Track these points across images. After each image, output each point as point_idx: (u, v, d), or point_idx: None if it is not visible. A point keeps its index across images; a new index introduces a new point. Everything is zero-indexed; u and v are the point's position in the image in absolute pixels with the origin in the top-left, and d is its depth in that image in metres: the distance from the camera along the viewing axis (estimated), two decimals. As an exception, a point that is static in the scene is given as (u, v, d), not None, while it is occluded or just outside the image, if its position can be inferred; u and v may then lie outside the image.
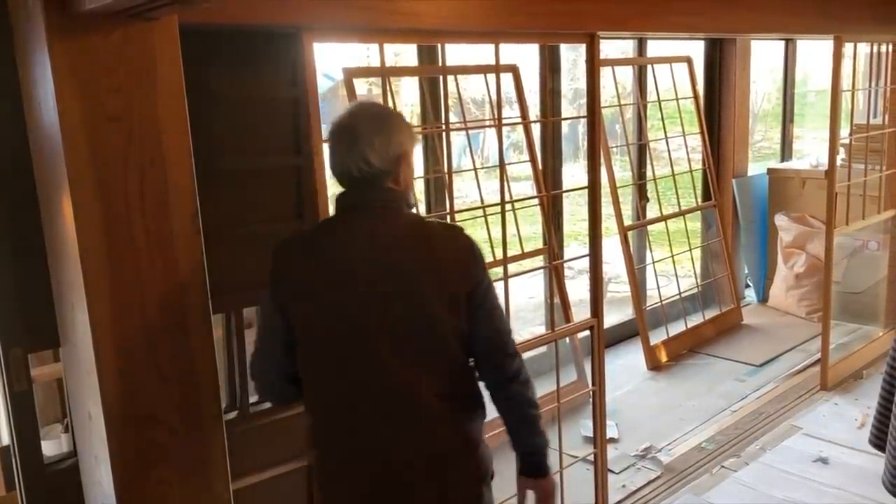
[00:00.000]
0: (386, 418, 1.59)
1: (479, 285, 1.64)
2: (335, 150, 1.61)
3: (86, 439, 1.55)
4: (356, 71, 3.29)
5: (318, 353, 1.60)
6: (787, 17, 3.44)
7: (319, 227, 1.77)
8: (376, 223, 1.59)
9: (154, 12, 1.28)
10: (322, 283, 1.57)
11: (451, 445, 1.68)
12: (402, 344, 1.57)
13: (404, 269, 1.58)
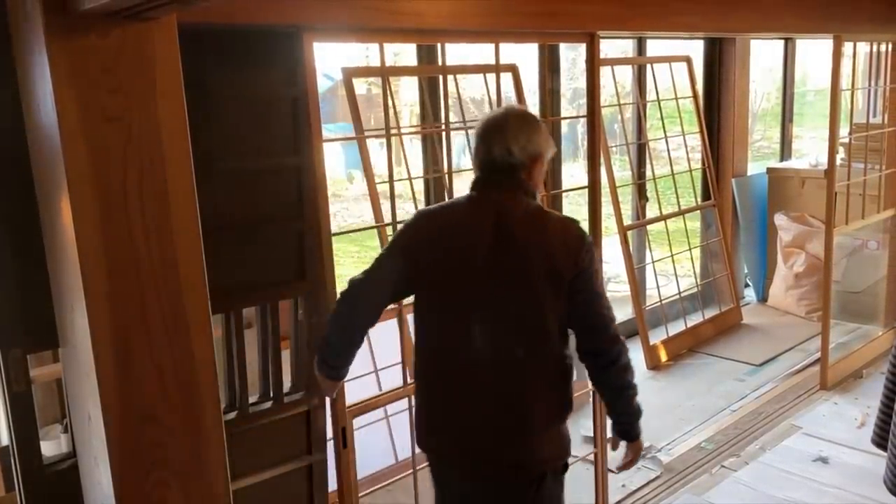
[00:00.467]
0: (486, 380, 1.82)
1: (584, 272, 1.82)
2: (485, 141, 1.87)
3: (85, 440, 1.55)
4: (355, 71, 3.29)
5: (432, 305, 1.88)
6: (786, 17, 3.44)
7: (455, 201, 1.99)
8: (503, 203, 1.83)
9: (153, 12, 1.27)
10: (448, 246, 1.85)
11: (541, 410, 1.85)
12: (506, 312, 1.80)
13: (519, 246, 1.80)
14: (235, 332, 2.22)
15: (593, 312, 1.85)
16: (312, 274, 2.32)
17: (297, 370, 2.44)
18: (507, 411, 1.82)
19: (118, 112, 1.33)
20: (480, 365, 1.81)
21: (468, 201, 1.89)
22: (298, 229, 2.26)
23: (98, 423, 1.41)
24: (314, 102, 2.17)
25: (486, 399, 1.82)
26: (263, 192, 2.17)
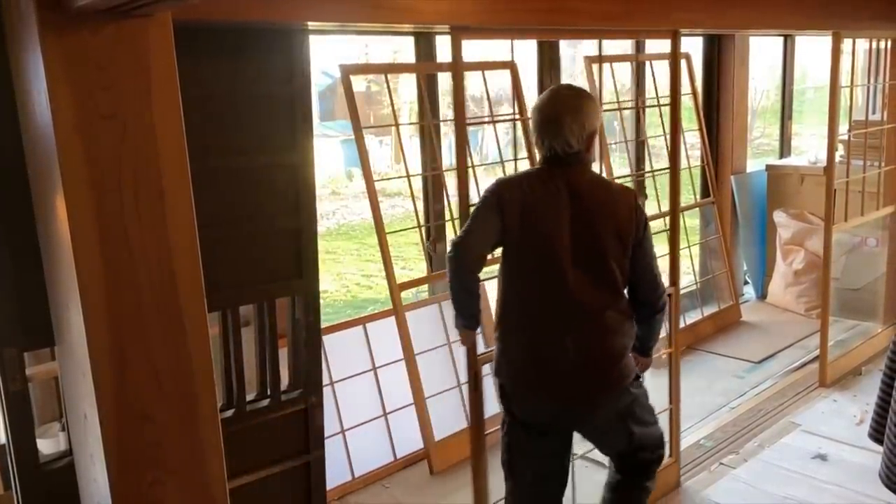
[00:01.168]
0: (561, 318, 2.15)
1: (641, 232, 2.17)
2: (543, 136, 2.16)
3: (81, 438, 1.55)
4: (354, 68, 3.28)
5: (518, 256, 2.17)
6: (786, 14, 3.43)
7: (529, 171, 2.34)
8: (572, 174, 2.15)
9: (147, 9, 1.27)
10: (531, 207, 2.13)
11: (613, 346, 2.18)
12: (580, 263, 2.12)
13: (589, 208, 2.13)
14: (232, 330, 2.22)
15: (649, 270, 2.21)
16: (309, 272, 2.32)
17: (295, 368, 2.43)
18: (602, 343, 2.16)
19: (113, 109, 1.32)
20: (568, 309, 2.14)
21: (541, 172, 2.20)
22: (295, 227, 2.26)
23: (94, 421, 1.40)
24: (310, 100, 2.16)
25: (572, 335, 2.14)
26: (260, 189, 2.17)
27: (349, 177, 12.24)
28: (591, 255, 2.13)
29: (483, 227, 2.16)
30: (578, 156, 2.15)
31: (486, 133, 11.00)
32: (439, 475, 3.26)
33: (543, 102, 2.18)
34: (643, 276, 2.20)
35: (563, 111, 2.13)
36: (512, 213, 2.13)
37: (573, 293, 2.12)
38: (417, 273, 6.68)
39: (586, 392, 2.20)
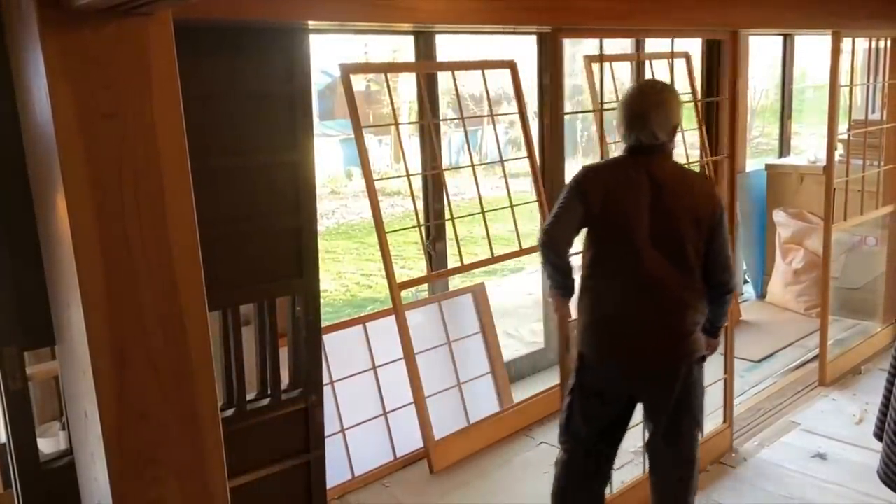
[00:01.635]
0: (638, 295, 2.33)
1: (717, 217, 2.34)
2: (631, 129, 2.35)
3: (82, 437, 1.55)
4: (354, 67, 3.27)
5: (605, 242, 2.37)
6: (785, 13, 3.43)
7: (614, 160, 2.52)
8: (654, 163, 2.34)
9: (147, 7, 1.26)
10: (617, 192, 2.32)
11: (684, 321, 2.35)
12: (657, 245, 2.30)
13: (669, 194, 2.31)
14: (233, 329, 2.22)
15: (722, 253, 2.37)
16: (310, 271, 2.32)
17: (295, 367, 2.43)
18: (673, 318, 2.34)
19: (113, 108, 1.32)
20: (645, 285, 2.32)
21: (624, 161, 2.40)
22: (296, 226, 2.26)
23: (94, 420, 1.40)
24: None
25: (650, 310, 2.34)
26: (260, 188, 2.17)
27: (349, 176, 12.25)
28: (668, 238, 2.31)
29: (568, 215, 2.35)
30: (662, 146, 2.35)
31: (485, 132, 11.01)
32: (439, 474, 3.26)
33: (631, 98, 2.37)
34: (716, 258, 2.36)
35: (649, 106, 2.32)
36: (595, 200, 2.33)
37: (650, 272, 2.31)
38: (417, 272, 6.69)
39: (655, 360, 2.39)
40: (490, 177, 8.25)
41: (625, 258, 2.33)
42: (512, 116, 3.83)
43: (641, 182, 2.31)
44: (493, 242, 3.71)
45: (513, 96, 3.84)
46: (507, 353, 4.19)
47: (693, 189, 2.36)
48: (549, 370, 4.29)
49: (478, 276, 4.28)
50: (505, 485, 3.19)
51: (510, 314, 6.07)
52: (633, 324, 2.35)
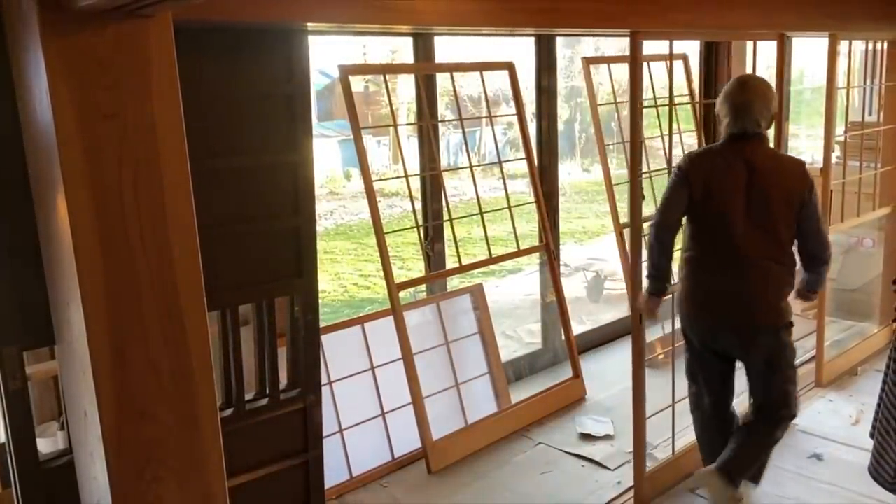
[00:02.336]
0: (733, 268, 2.64)
1: (807, 197, 2.63)
2: (737, 119, 2.62)
3: (81, 437, 1.55)
4: (353, 68, 3.28)
5: (705, 220, 2.68)
6: (783, 15, 3.44)
7: (713, 147, 2.79)
8: (751, 148, 2.63)
9: (148, 9, 1.27)
10: (715, 177, 2.64)
11: (774, 290, 2.67)
12: (752, 223, 2.61)
13: (764, 179, 2.60)
14: (232, 329, 2.23)
15: (814, 228, 2.67)
16: (308, 271, 2.32)
17: (294, 367, 2.44)
18: (760, 288, 2.64)
19: (114, 109, 1.33)
20: (739, 258, 2.63)
21: (723, 148, 2.69)
22: (294, 226, 2.26)
23: (94, 419, 1.41)
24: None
25: (746, 280, 2.63)
26: (260, 188, 2.18)
27: (347, 177, 12.26)
28: (761, 216, 2.60)
29: (675, 203, 2.70)
30: (760, 134, 2.64)
31: (483, 133, 11.02)
32: (437, 475, 3.27)
33: (735, 91, 2.64)
34: (808, 233, 2.67)
35: (753, 98, 2.61)
36: (697, 183, 2.65)
37: (744, 248, 2.61)
38: (415, 273, 6.69)
39: (747, 324, 2.69)
40: (488, 178, 8.26)
41: (722, 235, 2.64)
42: (510, 117, 3.83)
43: (739, 166, 2.61)
44: (491, 243, 3.72)
45: (511, 97, 3.85)
46: (505, 353, 4.19)
47: (785, 171, 2.64)
48: (547, 371, 4.30)
49: (476, 276, 4.29)
50: (503, 485, 3.19)
51: (508, 315, 6.08)
52: (728, 293, 2.66)
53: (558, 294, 4.02)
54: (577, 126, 13.26)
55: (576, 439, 3.54)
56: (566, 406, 3.84)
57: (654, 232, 2.74)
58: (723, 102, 2.67)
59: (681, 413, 3.21)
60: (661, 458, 3.22)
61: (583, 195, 11.88)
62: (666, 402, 3.17)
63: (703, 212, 2.68)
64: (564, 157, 12.51)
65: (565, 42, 10.46)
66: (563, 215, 4.74)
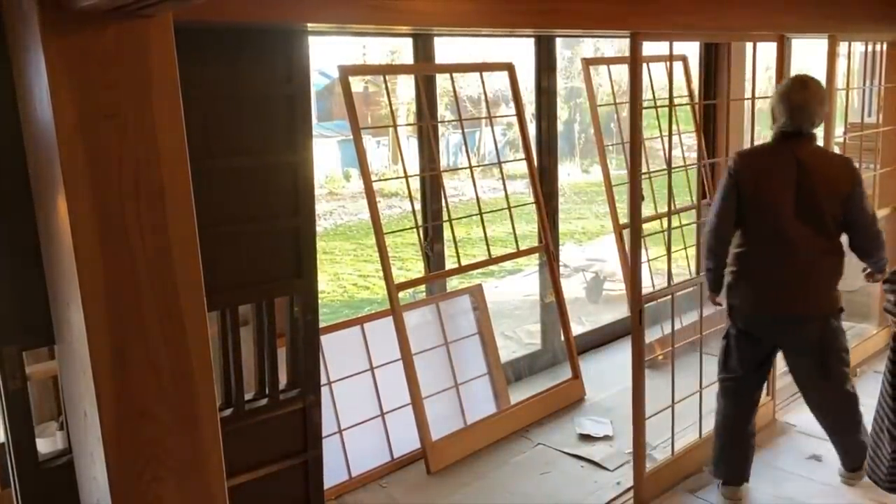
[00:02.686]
0: (783, 259, 2.78)
1: (856, 193, 2.78)
2: (794, 119, 2.74)
3: (81, 437, 1.55)
4: (353, 69, 3.28)
5: (756, 215, 2.80)
6: (782, 16, 3.45)
7: (763, 146, 2.93)
8: (800, 146, 2.77)
9: (148, 9, 1.27)
10: (765, 174, 2.78)
11: (823, 280, 2.81)
12: (801, 217, 2.74)
13: (811, 173, 2.73)
14: (231, 329, 2.23)
15: (862, 220, 2.80)
16: (308, 271, 2.32)
17: (293, 368, 2.44)
18: (811, 279, 2.77)
19: (114, 109, 1.33)
20: (789, 251, 2.76)
21: (774, 145, 2.82)
22: (295, 226, 2.26)
23: (94, 419, 1.41)
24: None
25: (797, 272, 2.77)
26: (259, 189, 2.18)
27: (346, 177, 12.26)
28: (810, 211, 2.73)
29: (727, 207, 2.82)
30: (811, 133, 2.78)
31: (482, 133, 11.03)
32: (436, 475, 3.27)
33: (793, 91, 2.74)
34: (855, 225, 2.80)
35: (811, 99, 2.73)
36: (747, 183, 2.78)
37: (794, 240, 2.75)
38: (414, 273, 6.69)
39: (798, 312, 2.83)
40: (487, 178, 8.26)
41: (773, 228, 2.77)
42: (510, 118, 3.83)
43: (789, 163, 2.74)
44: (490, 244, 3.73)
45: (511, 98, 3.85)
46: (505, 354, 4.19)
47: (832, 167, 2.78)
48: (547, 371, 4.30)
49: (475, 277, 4.29)
50: (502, 485, 3.19)
51: (508, 315, 6.08)
52: (779, 283, 2.79)
53: (558, 295, 4.02)
54: (576, 127, 13.27)
55: (575, 440, 3.54)
56: (565, 407, 3.85)
57: (711, 239, 2.88)
58: (779, 101, 2.77)
59: (680, 414, 3.21)
60: (660, 458, 3.22)
61: (582, 196, 11.89)
62: (665, 402, 3.17)
63: (753, 208, 2.79)
64: (564, 157, 12.52)
65: (564, 43, 10.48)
66: (562, 216, 4.74)
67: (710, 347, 3.44)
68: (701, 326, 3.45)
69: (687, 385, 3.27)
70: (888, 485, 2.14)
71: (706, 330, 3.46)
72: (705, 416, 3.33)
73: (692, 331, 4.59)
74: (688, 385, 3.28)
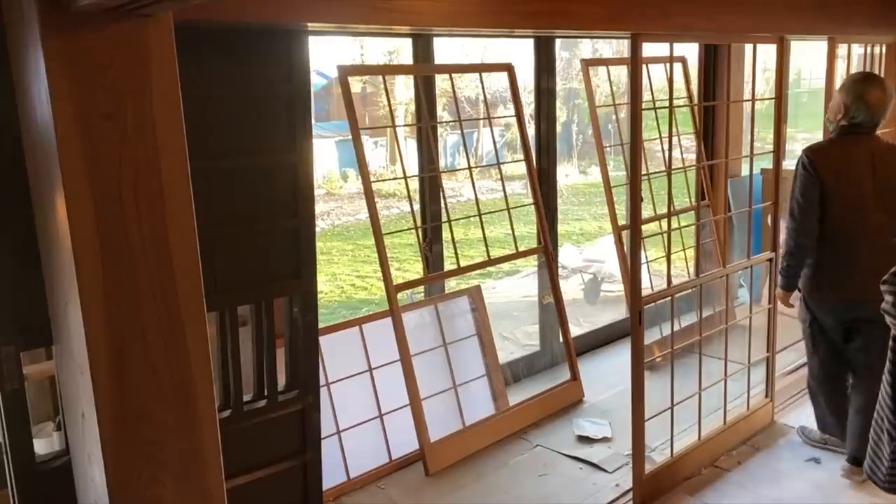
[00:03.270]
0: (863, 249, 2.94)
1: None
2: (871, 114, 2.94)
3: (79, 438, 1.55)
4: (352, 69, 3.28)
5: (836, 206, 2.95)
6: (782, 19, 3.45)
7: (833, 139, 3.08)
8: (871, 139, 3.00)
9: (148, 9, 1.27)
10: (844, 167, 2.95)
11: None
12: (880, 208, 2.94)
13: (884, 163, 2.96)
14: (230, 330, 2.22)
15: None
16: (307, 272, 2.32)
17: (292, 369, 2.44)
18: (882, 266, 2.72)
19: (114, 109, 1.33)
20: (869, 236, 2.93)
21: (842, 139, 3.01)
22: (294, 227, 2.26)
23: (92, 420, 1.40)
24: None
25: (869, 259, 2.88)
26: (259, 189, 2.17)
27: (344, 178, 12.26)
28: (887, 199, 2.94)
29: (811, 201, 2.96)
30: (878, 127, 2.99)
31: (481, 135, 11.03)
32: (434, 476, 3.26)
33: (871, 87, 2.95)
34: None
35: (888, 96, 2.96)
36: (827, 174, 2.94)
37: (874, 226, 2.92)
38: (412, 274, 6.69)
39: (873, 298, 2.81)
40: (486, 179, 8.27)
41: (852, 216, 2.95)
42: (508, 119, 3.83)
43: (863, 154, 2.95)
44: (489, 245, 3.72)
45: (509, 99, 3.84)
46: (503, 355, 4.19)
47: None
48: (545, 372, 4.30)
49: (474, 278, 4.28)
50: (500, 487, 3.19)
51: (506, 316, 6.08)
52: (858, 268, 2.93)
53: (556, 296, 4.02)
54: (574, 128, 13.28)
55: (573, 441, 3.54)
56: (564, 408, 3.84)
57: (795, 237, 3.01)
58: (855, 99, 2.94)
59: (679, 416, 3.21)
60: (659, 460, 3.22)
61: (580, 197, 11.89)
62: (664, 404, 3.17)
63: (833, 198, 2.94)
64: (562, 159, 12.53)
65: (563, 44, 10.49)
66: (560, 217, 4.74)
67: (708, 349, 3.45)
68: (700, 328, 3.45)
69: (685, 387, 3.27)
70: (887, 485, 2.15)
71: (705, 332, 3.46)
72: (704, 418, 3.34)
73: (690, 332, 4.60)
74: (686, 387, 3.28)
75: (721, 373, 3.47)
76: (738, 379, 4.07)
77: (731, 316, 4.99)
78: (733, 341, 3.60)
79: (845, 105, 2.98)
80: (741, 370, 3.63)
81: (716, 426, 3.41)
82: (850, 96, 2.97)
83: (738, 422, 3.50)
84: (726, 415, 3.45)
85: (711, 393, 3.39)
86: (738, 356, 4.35)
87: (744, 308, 5.31)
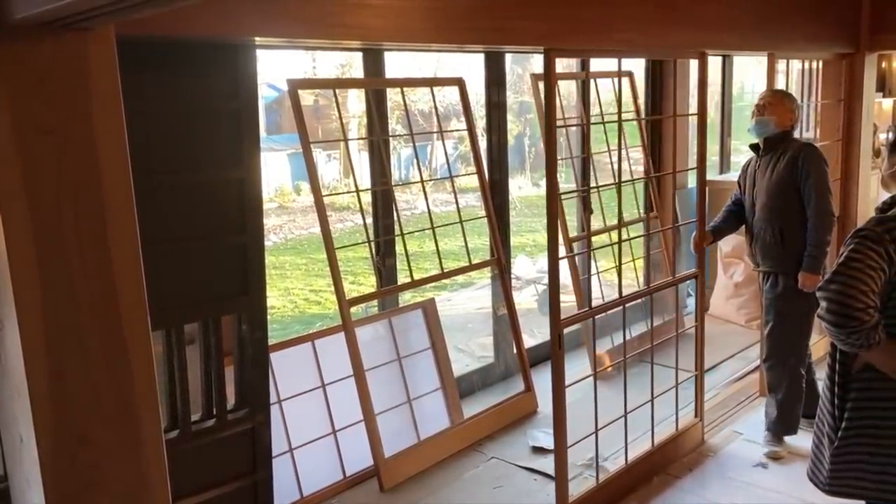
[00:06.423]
0: None
1: None
2: None
3: (17, 462, 1.49)
4: (301, 82, 3.26)
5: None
6: (724, 35, 3.55)
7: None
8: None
9: (88, 22, 1.24)
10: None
11: None
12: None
13: None
14: (177, 349, 2.18)
15: None
16: (256, 288, 2.29)
17: (241, 387, 2.40)
18: None
19: (52, 124, 1.29)
20: None
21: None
22: (241, 243, 2.23)
23: (30, 444, 1.36)
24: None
25: None
26: (205, 205, 2.14)
27: (297, 191, 12.15)
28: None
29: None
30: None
31: (434, 147, 11.07)
32: (389, 492, 3.24)
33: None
34: None
35: None
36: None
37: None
38: (367, 288, 6.65)
39: None
40: (439, 192, 8.29)
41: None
42: (461, 132, 3.85)
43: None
44: (443, 257, 3.73)
45: (462, 112, 3.87)
46: (458, 367, 4.19)
47: None
48: (500, 385, 4.31)
49: (428, 291, 4.28)
50: (455, 501, 3.18)
51: (460, 329, 6.08)
52: None
53: (510, 307, 4.04)
54: (526, 141, 13.42)
55: (528, 453, 3.55)
56: (518, 419, 3.86)
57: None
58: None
59: (631, 427, 3.25)
60: (612, 469, 3.25)
61: (533, 209, 12.01)
62: (616, 413, 3.21)
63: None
64: (514, 171, 12.64)
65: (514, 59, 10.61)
66: (513, 229, 4.78)
67: (660, 357, 3.50)
68: (651, 337, 3.51)
69: (636, 396, 3.32)
70: (828, 487, 2.20)
71: (656, 340, 3.52)
72: (657, 425, 3.39)
73: (639, 342, 4.67)
74: (637, 396, 3.32)
75: (672, 380, 3.53)
76: (686, 387, 4.15)
77: (681, 324, 5.08)
78: (681, 350, 3.66)
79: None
80: (689, 379, 3.70)
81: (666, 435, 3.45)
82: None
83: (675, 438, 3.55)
84: (678, 423, 3.51)
85: (663, 401, 3.45)
86: (686, 365, 4.43)
87: (691, 317, 5.41)
